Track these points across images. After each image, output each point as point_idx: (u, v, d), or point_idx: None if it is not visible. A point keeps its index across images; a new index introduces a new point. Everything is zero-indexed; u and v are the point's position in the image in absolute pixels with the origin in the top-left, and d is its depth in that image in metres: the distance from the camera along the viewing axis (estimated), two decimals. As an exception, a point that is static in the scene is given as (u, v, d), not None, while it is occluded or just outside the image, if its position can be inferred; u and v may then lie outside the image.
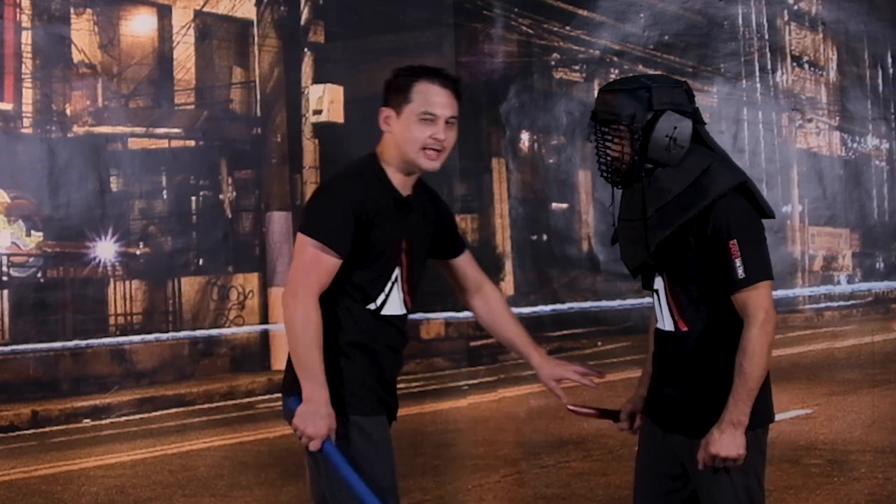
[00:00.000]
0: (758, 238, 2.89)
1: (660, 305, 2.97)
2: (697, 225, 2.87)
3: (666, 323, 2.96)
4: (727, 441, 2.83)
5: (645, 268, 2.97)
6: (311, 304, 2.92)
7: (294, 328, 2.93)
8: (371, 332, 3.01)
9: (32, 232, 10.07)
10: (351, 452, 2.99)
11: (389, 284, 2.99)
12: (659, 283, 2.97)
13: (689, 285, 2.92)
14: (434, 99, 2.97)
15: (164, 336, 10.59)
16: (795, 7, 16.62)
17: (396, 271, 3.00)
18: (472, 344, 11.81)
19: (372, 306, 2.97)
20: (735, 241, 2.83)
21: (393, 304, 3.00)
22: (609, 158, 2.94)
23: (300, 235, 2.90)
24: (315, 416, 2.91)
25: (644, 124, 2.88)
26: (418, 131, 2.95)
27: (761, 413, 2.95)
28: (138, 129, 11.04)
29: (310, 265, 2.91)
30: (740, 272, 2.82)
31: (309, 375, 2.93)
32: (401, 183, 3.02)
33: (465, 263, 3.27)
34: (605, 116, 2.93)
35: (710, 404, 2.91)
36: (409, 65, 3.07)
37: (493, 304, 3.36)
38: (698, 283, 2.91)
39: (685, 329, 2.93)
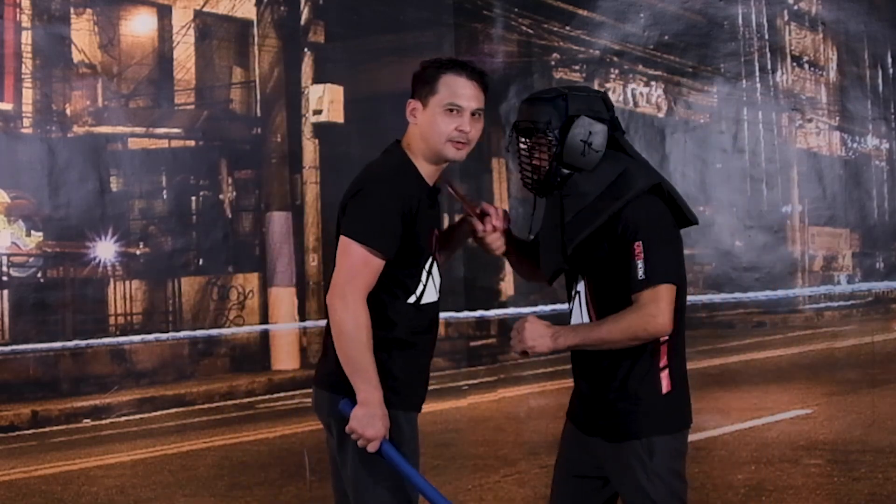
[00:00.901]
0: (665, 241, 2.90)
1: (579, 308, 3.02)
2: (610, 227, 2.91)
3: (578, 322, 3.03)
4: (540, 340, 2.91)
5: (560, 273, 3.02)
6: (361, 307, 2.94)
7: (346, 331, 2.94)
8: (411, 325, 3.06)
9: (32, 232, 10.07)
10: (402, 446, 3.03)
11: (426, 275, 3.04)
12: (581, 286, 3.01)
13: (605, 288, 2.96)
14: (460, 91, 3.00)
15: (164, 336, 10.59)
16: (795, 7, 16.62)
17: (430, 260, 3.04)
18: (472, 344, 11.81)
19: (412, 299, 3.01)
20: (640, 242, 2.86)
21: (430, 292, 3.06)
22: (529, 167, 3.01)
23: (344, 239, 2.91)
24: (373, 419, 2.94)
25: (559, 130, 2.94)
26: (444, 123, 2.99)
27: (682, 417, 2.98)
28: (138, 129, 11.04)
29: (358, 268, 2.92)
30: (640, 273, 2.84)
31: (363, 378, 2.94)
32: (428, 173, 3.07)
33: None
34: (525, 125, 3.02)
35: (627, 406, 2.95)
36: (438, 57, 3.11)
37: None
38: (613, 286, 2.94)
39: None
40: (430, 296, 3.04)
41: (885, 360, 11.40)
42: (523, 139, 3.01)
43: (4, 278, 9.88)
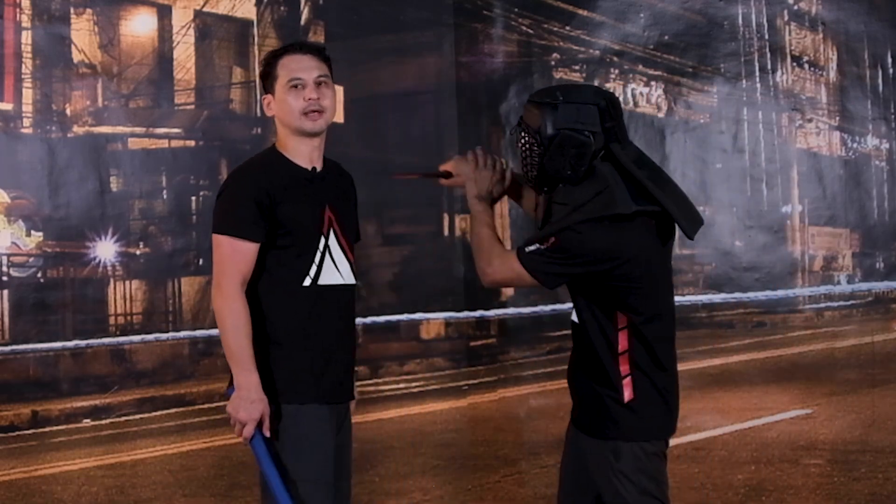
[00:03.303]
0: (571, 250, 2.94)
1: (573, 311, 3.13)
2: None
3: (575, 314, 3.11)
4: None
5: None
6: (234, 294, 3.00)
7: (222, 320, 3.02)
8: (307, 311, 3.06)
9: (32, 232, 10.07)
10: (283, 443, 3.02)
11: (319, 255, 3.05)
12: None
13: (574, 287, 3.07)
14: (296, 65, 3.10)
15: (164, 336, 10.60)
16: (795, 7, 16.63)
17: (323, 241, 3.05)
18: (472, 344, 11.81)
19: (307, 281, 3.04)
20: (556, 237, 2.95)
21: (328, 274, 3.04)
22: (525, 164, 3.06)
23: (214, 237, 2.99)
24: (245, 402, 2.96)
25: (546, 141, 2.99)
26: (292, 99, 3.08)
27: (649, 428, 3.01)
28: (138, 129, 11.04)
29: (227, 258, 3.00)
30: (530, 247, 2.96)
31: (237, 362, 2.99)
32: (304, 157, 3.13)
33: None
34: (523, 124, 3.06)
35: (593, 408, 3.01)
36: (272, 50, 3.15)
37: None
38: (577, 291, 3.04)
39: (578, 323, 3.06)
40: (330, 277, 3.03)
41: (885, 360, 11.40)
42: (524, 136, 3.05)
43: (4, 278, 9.88)
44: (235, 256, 2.98)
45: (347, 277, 3.08)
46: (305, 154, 3.10)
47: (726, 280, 12.94)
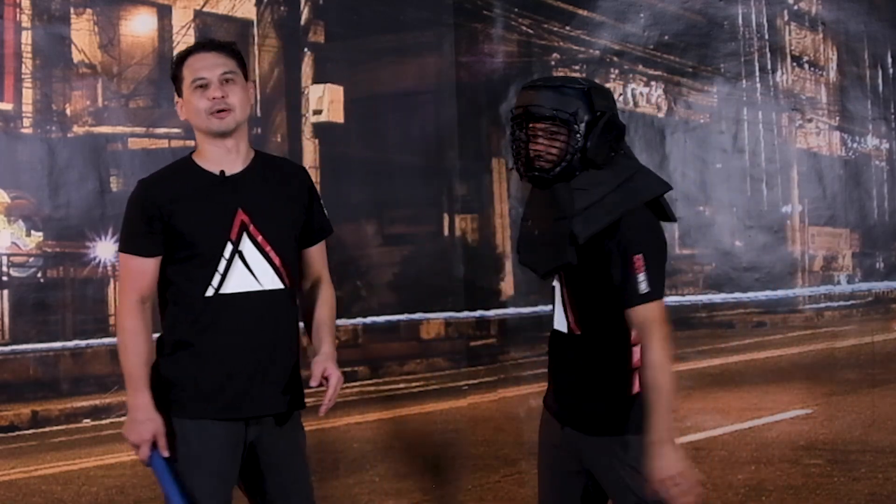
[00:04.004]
0: (662, 255, 2.93)
1: (554, 304, 3.03)
2: (608, 231, 2.90)
3: (558, 322, 3.02)
4: (665, 463, 2.86)
5: (563, 268, 2.98)
6: (127, 312, 2.94)
7: (118, 337, 2.96)
8: (206, 322, 2.94)
9: (32, 232, 10.07)
10: (177, 458, 2.95)
11: (224, 262, 2.93)
12: (557, 285, 3.02)
13: (586, 292, 2.96)
14: (198, 65, 3.01)
15: (164, 336, 10.58)
16: (795, 7, 16.61)
17: (231, 247, 2.94)
18: (472, 344, 11.80)
19: (209, 291, 2.93)
20: (641, 255, 2.86)
21: (239, 280, 2.93)
22: (539, 154, 2.95)
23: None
24: (134, 424, 2.91)
25: (585, 124, 2.92)
26: (197, 100, 2.98)
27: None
28: (138, 129, 11.04)
29: (123, 275, 2.97)
30: (643, 287, 2.84)
31: (127, 382, 2.94)
32: (214, 161, 3.03)
33: (312, 255, 3.18)
34: (542, 111, 2.95)
35: (599, 403, 2.97)
36: (180, 51, 3.12)
37: (318, 296, 3.22)
38: (595, 292, 2.94)
39: (578, 333, 2.97)
40: (241, 284, 2.94)
41: (885, 360, 11.39)
42: (541, 124, 2.95)
43: (4, 278, 9.87)
44: (130, 273, 2.93)
45: (268, 283, 2.94)
46: (216, 157, 2.99)
47: (726, 280, 12.94)
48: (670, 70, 14.30)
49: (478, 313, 12.10)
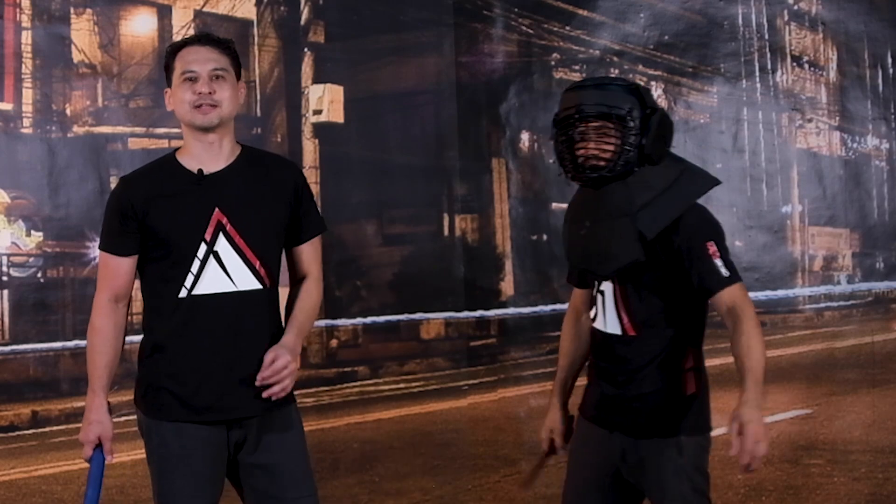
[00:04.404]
0: (725, 240, 2.93)
1: (603, 309, 2.97)
2: (672, 226, 2.88)
3: (609, 325, 2.96)
4: (759, 419, 2.83)
5: (631, 264, 2.93)
6: (97, 310, 2.93)
7: (87, 334, 2.96)
8: (179, 323, 2.87)
9: (32, 232, 10.07)
10: (151, 456, 2.95)
11: (198, 263, 2.88)
12: (606, 286, 2.97)
13: (643, 291, 2.92)
14: (190, 57, 2.95)
15: (164, 336, 10.58)
16: (795, 7, 16.62)
17: (205, 247, 2.88)
18: (472, 344, 11.80)
19: (182, 292, 2.89)
20: (712, 242, 2.85)
21: (213, 281, 2.88)
22: (593, 154, 2.92)
23: None
24: (84, 422, 2.91)
25: (639, 121, 2.89)
26: (183, 92, 2.93)
27: (706, 420, 2.98)
28: (138, 129, 11.04)
29: (99, 272, 2.96)
30: (724, 271, 2.84)
31: (89, 381, 2.93)
32: (194, 158, 2.97)
33: (301, 252, 3.13)
34: (597, 110, 2.91)
35: (652, 404, 2.93)
36: (174, 42, 3.08)
37: (300, 291, 3.17)
38: (654, 290, 2.91)
39: (633, 334, 2.93)
40: (214, 285, 2.87)
41: (885, 360, 11.39)
42: (595, 123, 2.90)
43: (4, 278, 9.87)
44: (105, 271, 2.92)
45: (244, 283, 2.89)
46: (198, 153, 2.94)
47: (726, 280, 12.89)
48: (670, 70, 14.30)
49: (478, 313, 12.10)
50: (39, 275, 10.20)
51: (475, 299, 11.63)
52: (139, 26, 11.42)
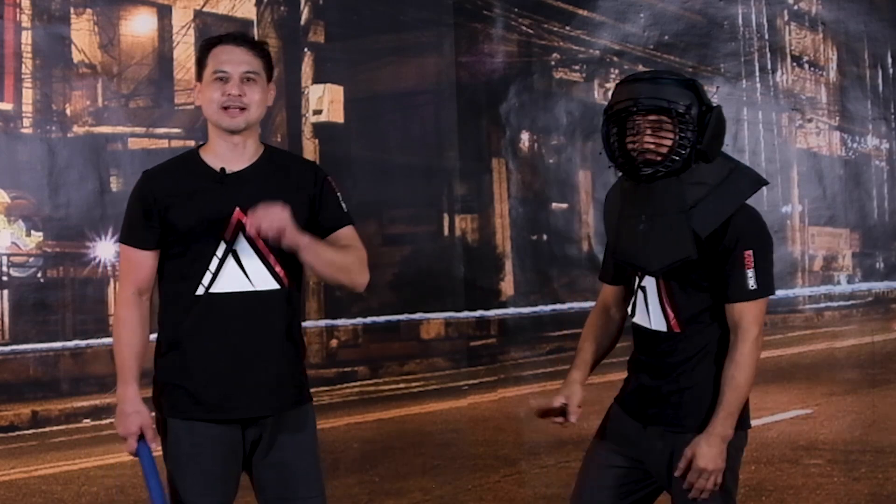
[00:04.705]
0: (771, 251, 2.88)
1: (646, 303, 2.94)
2: (721, 226, 2.85)
3: (654, 322, 2.93)
4: (715, 455, 2.83)
5: (682, 262, 2.87)
6: (122, 303, 2.92)
7: (113, 328, 2.94)
8: (194, 321, 2.85)
9: (32, 232, 10.07)
10: (165, 455, 2.92)
11: (216, 261, 2.85)
12: (649, 282, 2.93)
13: (689, 288, 2.88)
14: (224, 57, 2.90)
15: (163, 336, 10.59)
16: (795, 7, 16.63)
17: (224, 246, 2.86)
18: (472, 344, 11.81)
19: (199, 290, 2.86)
20: (751, 251, 2.81)
21: (230, 280, 2.85)
22: (648, 148, 2.84)
23: None
24: (121, 416, 2.87)
25: (697, 117, 2.84)
26: (213, 92, 2.89)
27: (747, 417, 2.96)
28: (138, 129, 11.05)
29: (122, 266, 2.92)
30: (751, 283, 2.80)
31: (118, 373, 2.91)
32: (217, 157, 2.94)
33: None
34: (656, 103, 2.83)
35: (696, 405, 2.90)
36: (209, 37, 3.02)
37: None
38: (701, 287, 2.88)
39: (678, 331, 2.90)
40: (231, 284, 2.84)
41: (885, 360, 11.40)
42: (652, 117, 2.84)
43: (4, 278, 9.88)
44: (127, 264, 2.89)
45: (262, 283, 2.85)
46: (221, 152, 2.92)
47: (726, 280, 12.89)
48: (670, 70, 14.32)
49: (478, 313, 12.11)
50: (39, 275, 10.20)
51: (475, 299, 11.64)
52: (139, 26, 11.43)
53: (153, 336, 3.04)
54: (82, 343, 9.96)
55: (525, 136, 14.54)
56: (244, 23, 11.83)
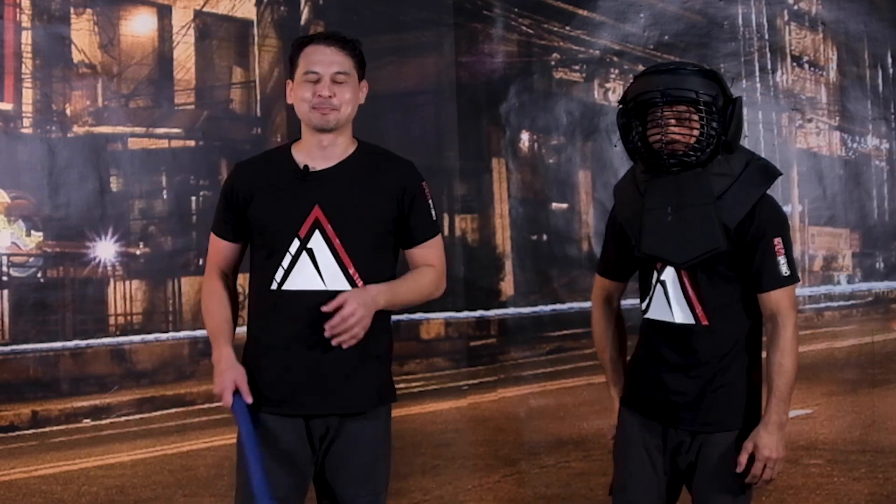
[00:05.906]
0: (790, 235, 2.90)
1: (666, 297, 2.92)
2: (747, 216, 2.86)
3: (679, 315, 2.91)
4: (776, 442, 2.85)
5: (711, 253, 2.86)
6: (207, 277, 3.05)
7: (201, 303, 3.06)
8: (268, 316, 2.89)
9: (32, 232, 10.07)
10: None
11: (290, 258, 2.84)
12: (669, 275, 2.91)
13: (716, 278, 2.88)
14: (316, 57, 2.96)
15: (164, 336, 10.59)
16: (795, 7, 16.62)
17: (297, 243, 2.84)
18: (472, 344, 11.81)
19: (273, 285, 2.91)
20: (780, 238, 2.83)
21: (301, 278, 2.87)
22: (675, 139, 2.84)
23: None
24: (216, 375, 2.94)
25: (721, 108, 2.86)
26: (304, 91, 2.94)
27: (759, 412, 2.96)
28: (138, 129, 11.05)
29: (210, 249, 3.00)
30: (784, 269, 2.81)
31: (212, 342, 2.97)
32: (305, 153, 2.98)
33: (413, 257, 3.13)
34: (685, 94, 2.83)
35: (727, 401, 2.89)
36: (303, 36, 3.06)
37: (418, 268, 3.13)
38: (727, 278, 2.87)
39: (706, 323, 2.89)
40: (303, 282, 2.86)
41: (885, 360, 11.39)
42: (682, 107, 2.83)
43: (4, 278, 9.87)
44: (211, 251, 3.01)
45: (334, 283, 2.86)
46: (309, 150, 2.97)
47: (726, 280, 12.89)
48: (670, 70, 14.30)
49: (478, 313, 12.10)
50: (39, 275, 10.20)
51: (475, 299, 11.63)
52: (139, 26, 11.42)
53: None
54: (82, 343, 9.96)
55: (525, 136, 14.54)
56: (244, 23, 11.82)
